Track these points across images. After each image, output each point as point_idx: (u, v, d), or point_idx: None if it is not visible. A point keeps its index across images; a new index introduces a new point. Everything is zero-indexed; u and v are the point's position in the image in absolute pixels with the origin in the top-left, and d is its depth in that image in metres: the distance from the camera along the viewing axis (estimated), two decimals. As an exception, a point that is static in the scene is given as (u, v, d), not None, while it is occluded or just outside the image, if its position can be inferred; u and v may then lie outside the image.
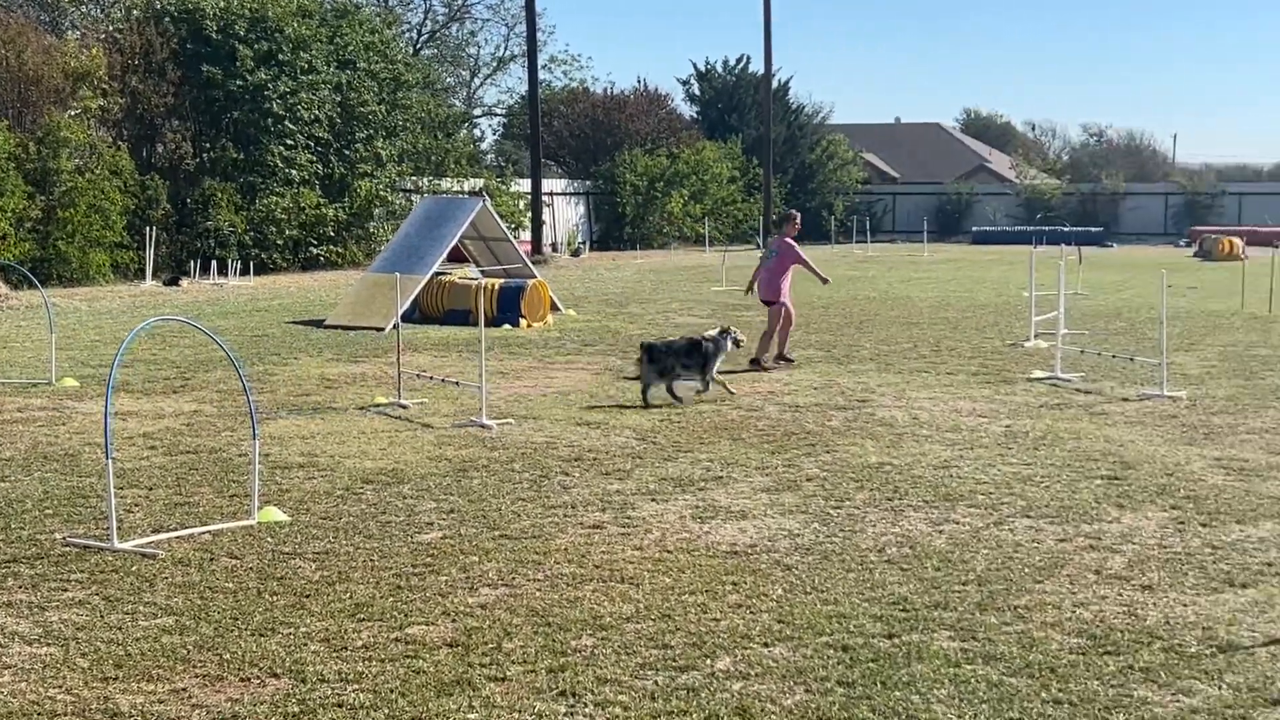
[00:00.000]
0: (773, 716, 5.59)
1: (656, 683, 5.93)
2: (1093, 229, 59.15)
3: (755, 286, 17.23)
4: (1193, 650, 6.33)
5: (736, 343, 14.36)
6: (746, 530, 8.56)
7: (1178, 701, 5.72)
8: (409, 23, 61.08)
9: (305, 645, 6.40)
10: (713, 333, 14.39)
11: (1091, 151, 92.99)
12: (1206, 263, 43.16)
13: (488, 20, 76.28)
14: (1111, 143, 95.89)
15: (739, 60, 63.16)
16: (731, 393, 13.92)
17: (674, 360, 13.58)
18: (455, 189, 42.22)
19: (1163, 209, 65.05)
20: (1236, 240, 45.61)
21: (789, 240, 17.08)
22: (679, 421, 12.51)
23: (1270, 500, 9.33)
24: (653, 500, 9.37)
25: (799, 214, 18.80)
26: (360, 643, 6.44)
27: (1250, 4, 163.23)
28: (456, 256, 24.94)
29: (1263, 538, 8.34)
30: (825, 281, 18.69)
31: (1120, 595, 7.17)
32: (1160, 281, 15.50)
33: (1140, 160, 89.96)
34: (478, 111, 65.73)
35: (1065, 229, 54.78)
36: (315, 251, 36.75)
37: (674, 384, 13.62)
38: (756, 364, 16.35)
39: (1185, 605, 7.00)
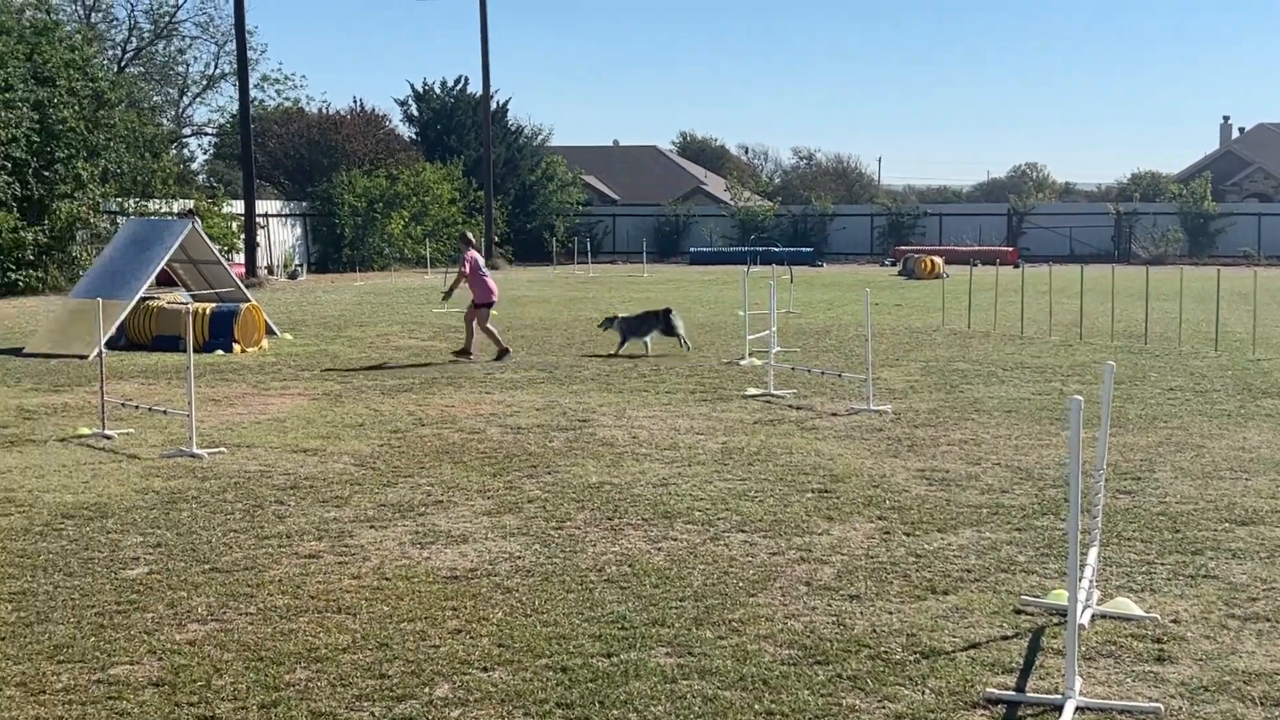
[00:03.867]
0: (492, 742, 5.55)
1: (373, 714, 5.82)
2: (804, 249, 61.07)
3: (493, 292, 19.50)
4: (898, 657, 6.56)
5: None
6: (467, 554, 8.49)
7: (884, 708, 5.92)
8: (113, 40, 58.96)
9: (0, 690, 6.07)
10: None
11: (802, 174, 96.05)
12: (910, 281, 45.05)
13: (197, 38, 73.91)
14: (821, 165, 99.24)
15: (457, 81, 63.04)
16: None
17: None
18: (164, 210, 40.85)
19: (869, 229, 67.63)
20: (937, 259, 47.74)
21: None
22: (399, 446, 12.35)
23: (969, 509, 9.76)
24: (371, 527, 9.21)
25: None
26: (60, 685, 6.14)
27: (948, 34, 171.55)
28: (165, 280, 24.13)
29: (962, 545, 8.72)
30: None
31: (829, 605, 7.39)
32: (864, 300, 16.09)
33: (848, 182, 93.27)
34: (187, 131, 63.83)
35: (777, 249, 56.43)
36: (14, 276, 35.06)
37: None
38: (467, 354, 19.33)
39: (890, 613, 7.25)
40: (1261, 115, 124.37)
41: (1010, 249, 58.66)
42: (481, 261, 19.80)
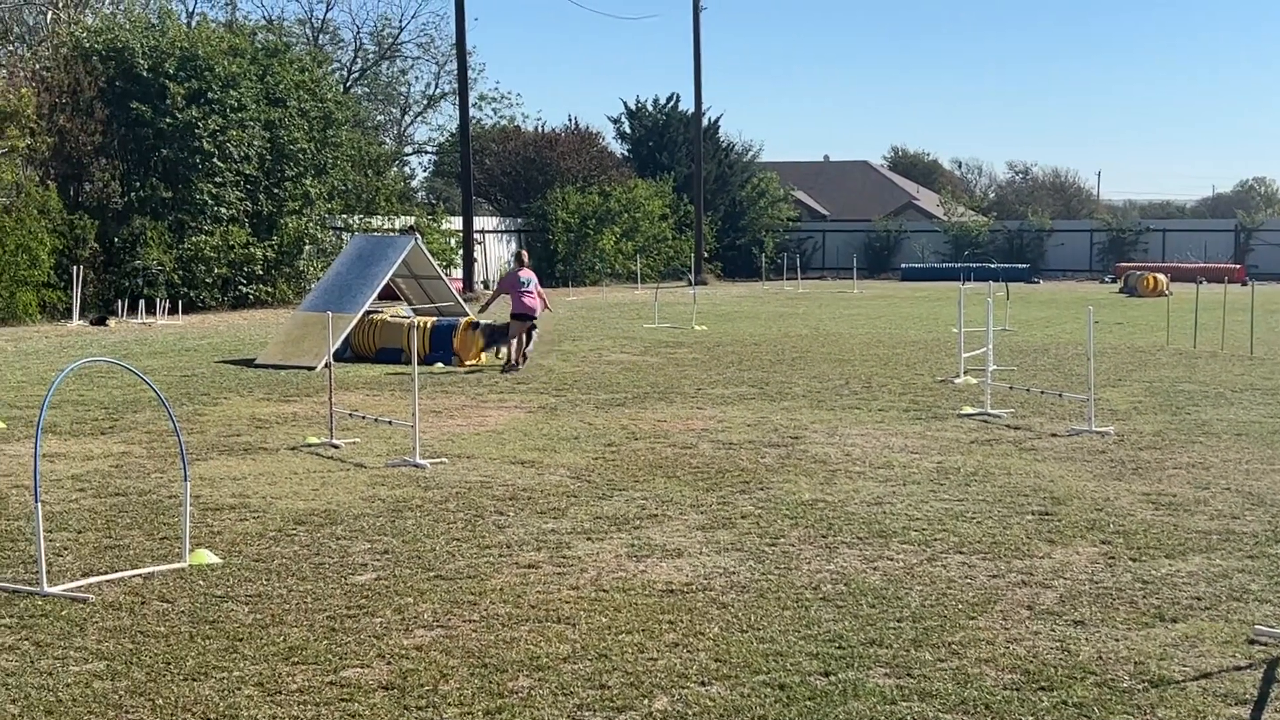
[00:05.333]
0: (711, 756, 5.58)
1: (594, 724, 5.92)
2: (1020, 265, 59.88)
3: (527, 307, 20.81)
4: (1125, 685, 6.40)
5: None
6: (682, 568, 8.56)
7: (1111, 736, 5.79)
8: (339, 61, 61.06)
9: (239, 689, 6.33)
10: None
11: (1017, 189, 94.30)
12: (1132, 299, 43.80)
13: (418, 58, 75.93)
14: (1037, 180, 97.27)
15: (669, 99, 63.55)
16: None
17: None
18: (386, 227, 42.09)
19: (1088, 245, 65.96)
20: (1161, 276, 46.29)
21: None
22: (614, 459, 12.51)
23: (1198, 535, 9.46)
24: (588, 539, 9.36)
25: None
26: (295, 686, 6.38)
27: (1170, 44, 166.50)
28: (388, 294, 24.84)
29: (1192, 571, 8.46)
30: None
31: (1053, 631, 7.24)
32: (1087, 317, 15.72)
33: (1065, 197, 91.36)
34: (408, 149, 65.66)
35: (993, 265, 55.42)
36: (245, 290, 36.53)
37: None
38: (514, 367, 20.43)
39: (1117, 640, 7.08)
40: None
41: (1237, 266, 56.57)
42: (522, 280, 20.90)
